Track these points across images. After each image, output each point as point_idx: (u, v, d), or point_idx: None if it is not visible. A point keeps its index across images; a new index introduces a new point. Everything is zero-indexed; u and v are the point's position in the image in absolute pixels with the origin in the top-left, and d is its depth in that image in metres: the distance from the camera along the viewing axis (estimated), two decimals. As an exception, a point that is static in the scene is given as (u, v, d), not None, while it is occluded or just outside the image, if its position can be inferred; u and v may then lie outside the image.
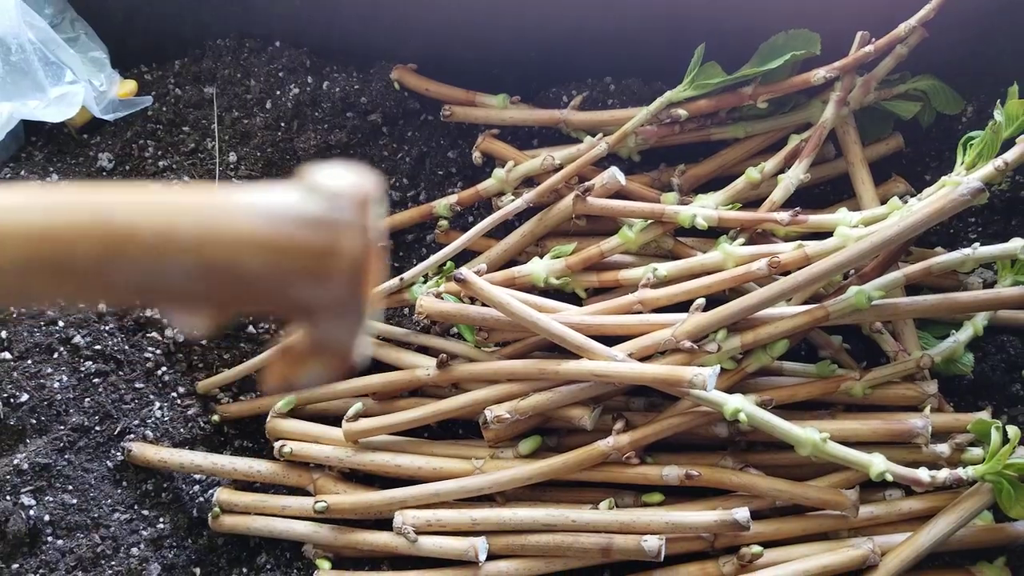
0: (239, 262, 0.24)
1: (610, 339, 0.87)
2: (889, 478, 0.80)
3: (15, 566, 0.90)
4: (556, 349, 0.89)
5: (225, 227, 0.24)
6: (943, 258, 0.85)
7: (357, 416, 0.93)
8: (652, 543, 0.81)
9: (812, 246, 0.85)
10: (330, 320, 0.27)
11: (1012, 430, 0.80)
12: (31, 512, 0.91)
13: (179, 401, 1.01)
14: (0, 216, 0.23)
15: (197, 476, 0.98)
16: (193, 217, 0.24)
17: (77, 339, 0.97)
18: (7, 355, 0.95)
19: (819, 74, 0.93)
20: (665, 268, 0.91)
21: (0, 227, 0.23)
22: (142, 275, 0.24)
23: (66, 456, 0.95)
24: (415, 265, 0.97)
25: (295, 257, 0.25)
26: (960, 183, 0.78)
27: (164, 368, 1.01)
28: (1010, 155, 0.84)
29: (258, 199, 0.25)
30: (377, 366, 0.98)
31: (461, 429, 1.00)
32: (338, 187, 0.25)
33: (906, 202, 0.88)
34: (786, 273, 0.84)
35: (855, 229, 0.85)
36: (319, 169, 0.25)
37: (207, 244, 0.24)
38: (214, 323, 0.26)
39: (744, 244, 0.90)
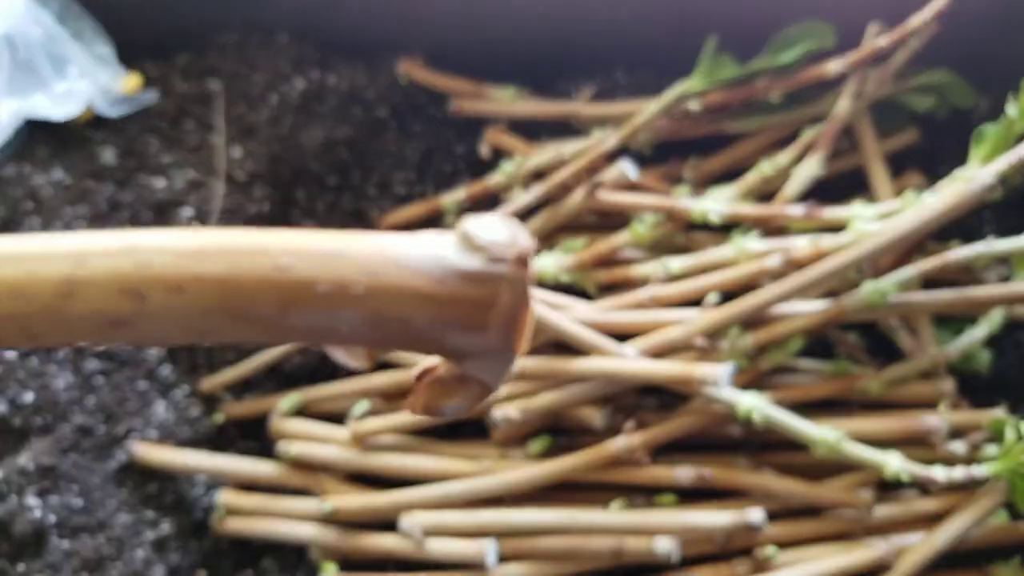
0: (404, 314, 0.27)
1: (621, 336, 0.86)
2: (905, 478, 0.78)
3: (21, 567, 0.90)
4: (564, 346, 0.87)
5: (392, 281, 0.27)
6: (959, 252, 0.83)
7: (364, 416, 0.92)
8: (665, 545, 0.80)
9: (827, 241, 0.83)
10: (479, 362, 0.29)
11: (1029, 427, 0.78)
12: (36, 513, 0.91)
13: (182, 401, 1.00)
14: (187, 263, 0.25)
15: (201, 478, 0.97)
16: (364, 271, 0.26)
17: (80, 337, 0.96)
18: (11, 354, 0.94)
19: (833, 67, 0.92)
20: (677, 264, 0.89)
21: (187, 273, 0.25)
22: (315, 323, 0.27)
23: (70, 457, 0.94)
24: (422, 262, 0.96)
25: (455, 310, 0.27)
26: (974, 178, 0.77)
27: (167, 368, 1.00)
28: (1027, 148, 0.82)
29: (422, 251, 0.27)
30: (384, 364, 0.97)
31: (470, 429, 0.99)
32: (497, 240, 0.27)
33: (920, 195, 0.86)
34: (800, 268, 0.82)
35: (870, 223, 0.83)
36: (476, 220, 0.27)
37: (375, 297, 0.27)
38: (372, 359, 0.27)
39: (758, 239, 0.89)
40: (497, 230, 0.27)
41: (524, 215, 0.99)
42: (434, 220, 1.06)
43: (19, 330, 0.25)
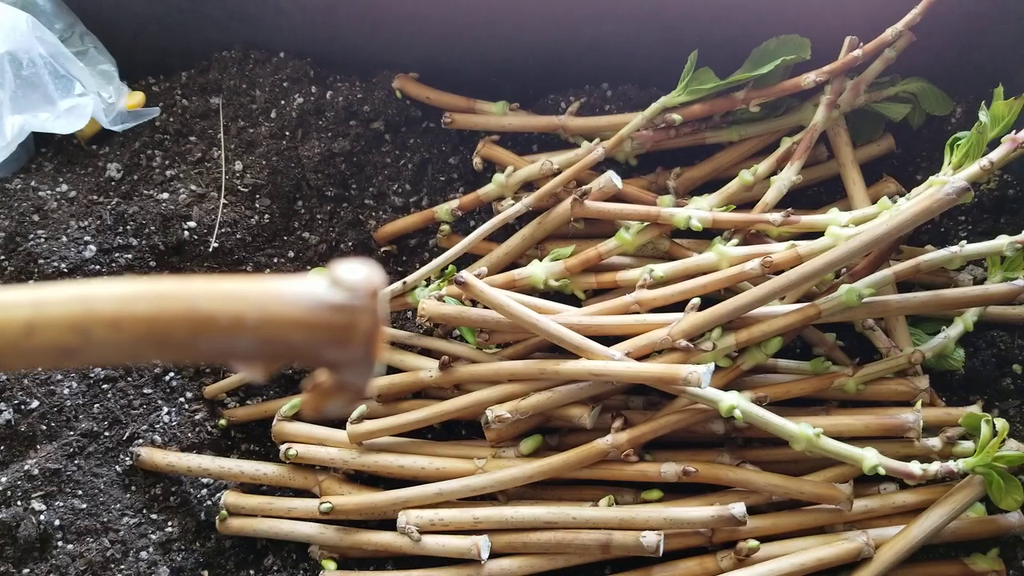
0: (287, 337, 0.35)
1: (608, 339, 0.89)
2: (882, 472, 0.81)
3: (26, 570, 0.92)
4: (556, 350, 0.90)
5: (277, 312, 0.35)
6: (931, 256, 0.87)
7: (361, 418, 0.95)
8: (651, 539, 0.83)
9: (804, 246, 0.87)
10: (349, 370, 0.37)
11: (1000, 423, 0.82)
12: (42, 517, 0.93)
13: (187, 406, 1.03)
14: (124, 305, 0.34)
15: (205, 480, 1.00)
16: (255, 306, 0.34)
17: (87, 345, 0.99)
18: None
19: (809, 78, 0.96)
20: (661, 269, 0.93)
21: (122, 313, 0.33)
22: (218, 347, 0.35)
23: (76, 461, 0.97)
24: (418, 269, 0.99)
25: (325, 332, 0.35)
26: (946, 183, 0.80)
27: (171, 374, 1.03)
28: (995, 155, 0.86)
29: (300, 290, 0.35)
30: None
31: (464, 429, 1.02)
32: (355, 280, 0.35)
33: (896, 202, 0.90)
34: (779, 272, 0.86)
35: (845, 229, 0.87)
36: (342, 265, 0.36)
37: (265, 326, 0.34)
38: (265, 372, 0.37)
39: (738, 245, 0.92)
40: (357, 272, 0.36)
41: (515, 224, 1.03)
42: (430, 229, 1.10)
43: None
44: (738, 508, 0.82)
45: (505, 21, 1.07)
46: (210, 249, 1.04)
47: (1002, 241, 0.86)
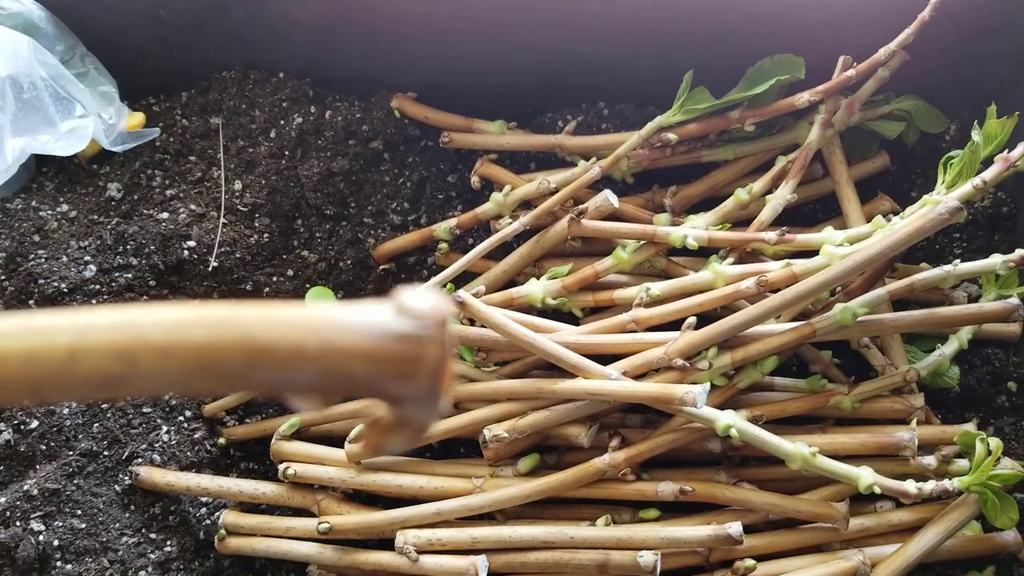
0: (349, 369, 0.33)
1: (605, 358, 0.89)
2: (877, 490, 0.82)
3: (26, 589, 0.92)
4: (554, 368, 0.91)
5: (339, 342, 0.32)
6: (926, 275, 0.87)
7: (360, 437, 0.96)
8: (648, 559, 0.83)
9: (799, 264, 0.87)
10: (413, 405, 0.35)
11: (994, 442, 0.82)
12: (40, 537, 0.94)
13: (186, 425, 1.03)
14: (174, 332, 0.31)
15: (204, 499, 1.00)
16: (316, 335, 0.32)
17: (87, 365, 0.99)
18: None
19: (803, 97, 0.96)
20: (658, 287, 0.93)
21: (174, 341, 0.31)
22: (276, 379, 0.33)
23: (75, 481, 0.97)
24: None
25: (390, 364, 0.33)
26: (939, 202, 0.81)
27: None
28: (988, 174, 0.86)
29: (362, 318, 0.33)
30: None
31: (463, 448, 1.02)
32: (423, 308, 0.33)
33: (890, 220, 0.90)
34: (774, 291, 0.86)
35: (840, 248, 0.87)
36: (407, 292, 0.33)
37: (326, 357, 0.32)
38: (323, 405, 0.35)
39: (734, 263, 0.93)
40: (423, 299, 0.33)
41: (513, 242, 1.04)
42: (428, 247, 1.11)
43: (30, 390, 0.32)
44: (735, 527, 0.83)
45: (502, 41, 1.08)
46: (209, 268, 1.05)
47: (995, 260, 0.86)
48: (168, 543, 0.98)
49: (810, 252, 0.91)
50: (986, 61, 1.04)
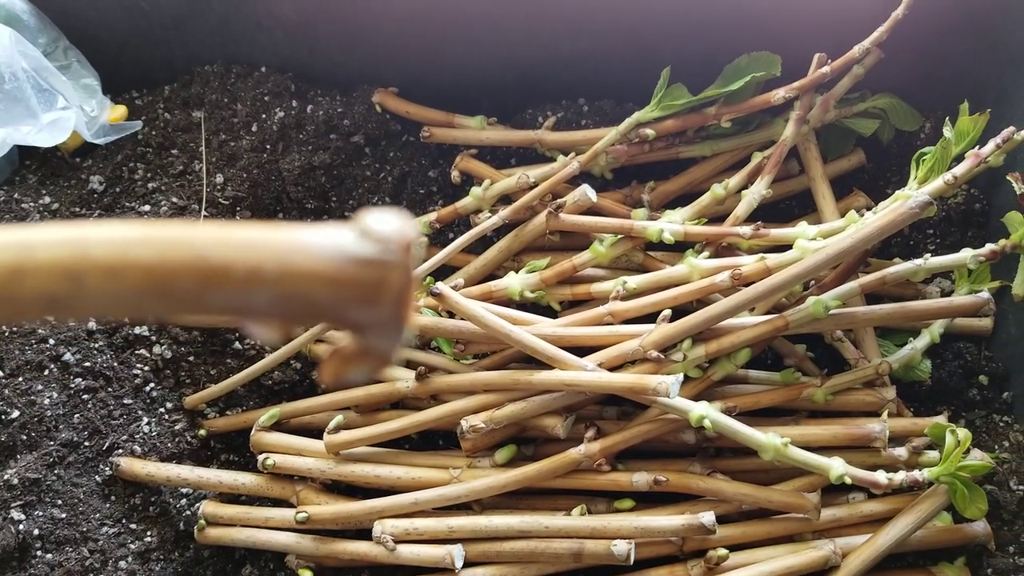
0: (309, 293, 0.31)
1: (582, 350, 0.90)
2: (848, 481, 0.83)
3: (5, 580, 0.93)
4: (532, 361, 0.92)
5: (299, 265, 0.31)
6: (896, 268, 0.89)
7: (338, 428, 0.96)
8: (621, 547, 0.84)
9: (772, 258, 0.88)
10: (376, 333, 0.34)
11: (963, 432, 0.83)
12: (21, 526, 0.94)
13: (167, 416, 1.04)
14: (122, 251, 0.30)
15: (184, 490, 1.01)
16: (275, 256, 0.31)
17: (67, 356, 1.00)
18: (-1, 372, 0.98)
19: (779, 94, 0.98)
20: (634, 281, 0.94)
21: (123, 260, 0.30)
22: (231, 302, 0.31)
23: (56, 471, 0.97)
24: (395, 281, 1.01)
25: (353, 288, 0.31)
26: (911, 197, 0.82)
27: (152, 384, 1.04)
28: (959, 169, 0.88)
29: (324, 240, 0.31)
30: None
31: (441, 440, 1.03)
32: (387, 232, 0.32)
33: (864, 215, 0.92)
34: (748, 284, 0.87)
35: (813, 242, 0.88)
36: (372, 214, 0.32)
37: (285, 279, 0.31)
38: (283, 333, 0.33)
39: (709, 257, 0.94)
40: (388, 222, 0.32)
41: (492, 236, 1.04)
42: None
43: None
44: (708, 517, 0.84)
45: (484, 37, 1.09)
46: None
47: (965, 254, 0.87)
48: (148, 533, 0.99)
49: (784, 247, 0.92)
50: (961, 59, 1.05)
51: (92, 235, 0.30)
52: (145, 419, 1.02)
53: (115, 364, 1.02)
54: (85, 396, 1.00)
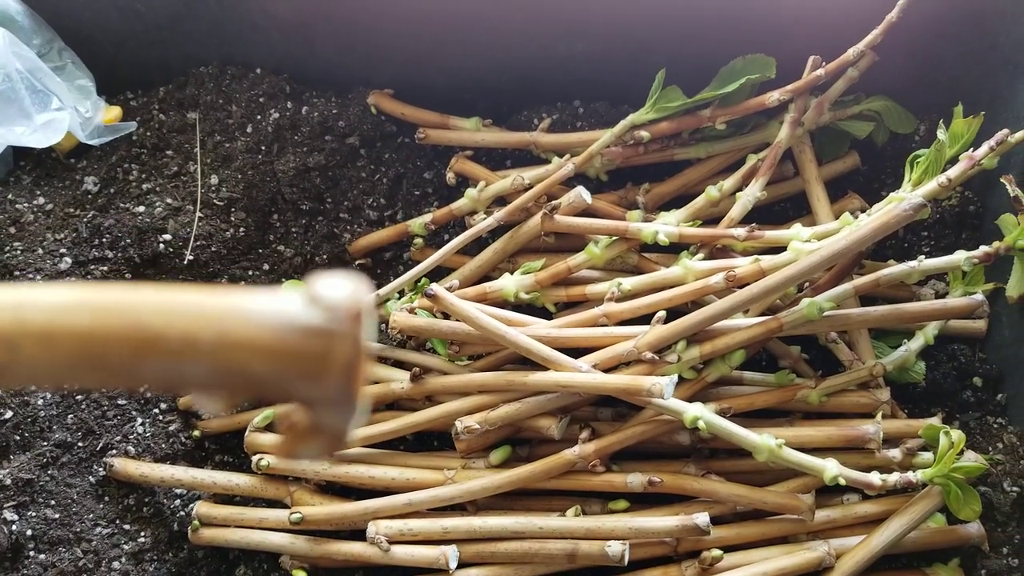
0: (248, 366, 0.29)
1: (577, 351, 0.90)
2: (842, 482, 0.83)
3: (-2, 581, 0.93)
4: (527, 362, 0.92)
5: (237, 335, 0.29)
6: (891, 270, 0.89)
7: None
8: (616, 548, 0.84)
9: (767, 260, 0.89)
10: (325, 410, 0.31)
11: (956, 434, 0.83)
12: (14, 527, 0.94)
13: (161, 417, 1.04)
14: (58, 316, 0.28)
15: (178, 490, 1.01)
16: (211, 325, 0.28)
17: (61, 357, 0.99)
18: (-8, 373, 0.98)
19: (773, 96, 0.98)
20: (629, 282, 0.94)
21: (58, 326, 0.28)
22: (166, 372, 0.29)
23: (49, 472, 0.97)
24: (392, 282, 1.01)
25: (295, 361, 0.29)
26: (904, 199, 0.82)
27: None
28: (953, 172, 0.88)
29: (267, 308, 0.29)
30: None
31: (436, 441, 1.03)
32: (336, 299, 0.29)
33: (858, 217, 0.92)
34: (743, 286, 0.87)
35: (807, 243, 0.89)
36: (322, 280, 0.29)
37: (221, 350, 0.29)
38: (228, 405, 0.31)
39: (704, 259, 0.94)
40: (340, 288, 0.29)
41: (487, 237, 1.04)
42: (404, 243, 1.12)
43: None
44: (702, 518, 0.84)
45: (479, 39, 1.09)
46: (185, 262, 1.05)
47: (959, 256, 0.88)
48: (142, 534, 0.99)
49: (779, 248, 0.93)
50: (955, 62, 1.05)
51: (29, 299, 0.29)
52: (139, 420, 1.02)
53: (109, 365, 1.02)
54: (78, 396, 1.00)
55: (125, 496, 1.00)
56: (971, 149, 0.91)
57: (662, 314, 0.89)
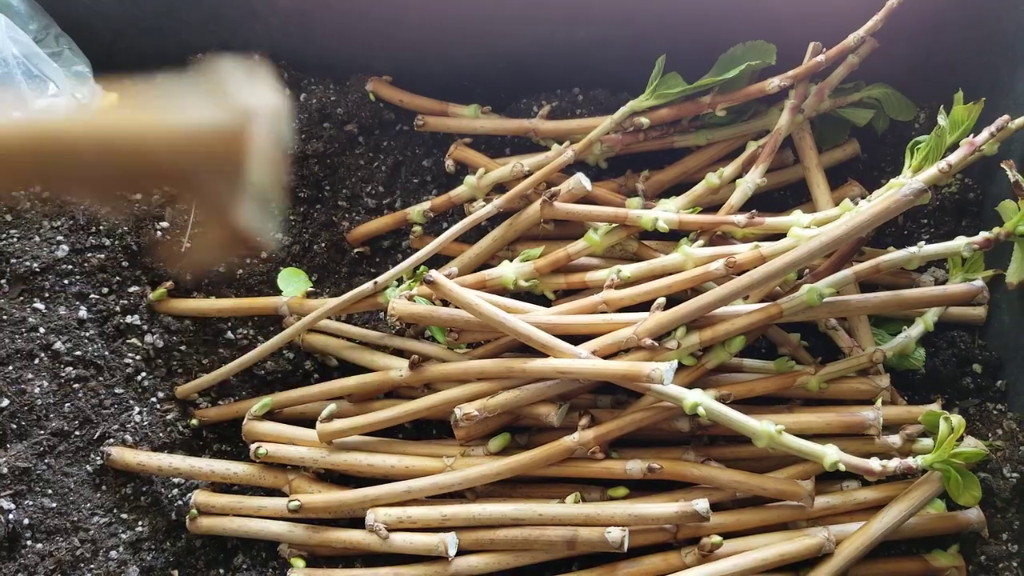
0: (161, 160, 0.31)
1: (576, 338, 0.90)
2: (842, 468, 0.83)
3: (-5, 570, 0.92)
4: (526, 349, 0.91)
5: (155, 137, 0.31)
6: (890, 256, 0.89)
7: (331, 417, 0.96)
8: (615, 534, 0.84)
9: (767, 246, 0.88)
10: (229, 204, 0.33)
11: (956, 419, 0.83)
12: (11, 516, 0.93)
13: (158, 406, 1.03)
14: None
15: (176, 479, 1.00)
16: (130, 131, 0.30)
17: (58, 345, 0.99)
18: (-11, 361, 0.98)
19: (774, 83, 0.97)
20: (629, 269, 0.94)
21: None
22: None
23: (46, 460, 0.97)
24: (390, 269, 1.00)
25: (204, 155, 0.32)
26: (905, 185, 0.82)
27: (144, 373, 1.03)
28: (953, 157, 0.88)
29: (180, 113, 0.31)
30: (353, 369, 1.01)
31: (435, 429, 1.03)
32: (240, 98, 0.31)
33: (858, 204, 0.92)
34: (742, 272, 0.87)
35: (807, 230, 0.88)
36: (230, 70, 0.31)
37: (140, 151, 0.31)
38: (120, 204, 0.32)
39: (704, 246, 0.94)
40: (243, 87, 0.32)
41: (487, 225, 1.04)
42: (403, 231, 1.11)
43: None
44: (701, 504, 0.83)
45: (478, 27, 1.09)
46: (183, 250, 1.05)
47: (959, 242, 0.87)
48: (139, 523, 0.98)
49: (779, 235, 0.92)
50: (955, 49, 1.05)
51: None
52: (136, 408, 1.02)
53: (106, 353, 1.01)
54: (76, 385, 1.00)
55: (123, 485, 0.99)
56: (971, 135, 0.91)
57: (661, 301, 0.89)
